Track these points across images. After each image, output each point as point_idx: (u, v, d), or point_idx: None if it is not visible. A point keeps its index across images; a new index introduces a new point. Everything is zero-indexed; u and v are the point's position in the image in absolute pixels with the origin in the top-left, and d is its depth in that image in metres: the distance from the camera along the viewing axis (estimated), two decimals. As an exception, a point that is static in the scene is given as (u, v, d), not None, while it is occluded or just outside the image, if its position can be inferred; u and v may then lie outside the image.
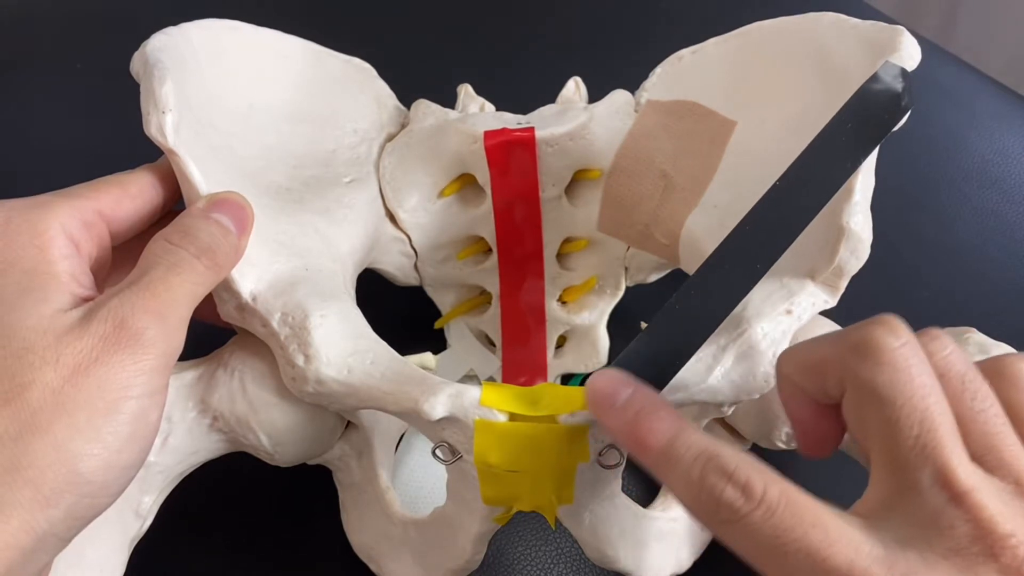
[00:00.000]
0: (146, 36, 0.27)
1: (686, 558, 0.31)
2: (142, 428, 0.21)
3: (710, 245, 0.24)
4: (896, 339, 0.19)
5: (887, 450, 0.19)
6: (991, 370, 0.20)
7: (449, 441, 0.25)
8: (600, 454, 0.25)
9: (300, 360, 0.25)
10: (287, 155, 0.30)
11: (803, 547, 0.17)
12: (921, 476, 0.18)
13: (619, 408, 0.21)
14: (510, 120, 0.33)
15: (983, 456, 0.19)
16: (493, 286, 0.36)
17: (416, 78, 0.37)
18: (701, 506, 0.19)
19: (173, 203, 0.27)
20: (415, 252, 0.34)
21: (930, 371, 0.19)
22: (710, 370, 0.25)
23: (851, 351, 0.20)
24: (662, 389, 0.24)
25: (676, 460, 0.20)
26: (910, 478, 0.18)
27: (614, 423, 0.21)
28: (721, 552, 0.32)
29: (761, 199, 0.24)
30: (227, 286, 0.25)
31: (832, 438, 0.22)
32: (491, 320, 0.37)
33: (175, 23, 0.28)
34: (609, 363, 0.37)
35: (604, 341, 0.37)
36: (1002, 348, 0.29)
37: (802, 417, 0.22)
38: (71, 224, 0.23)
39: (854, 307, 0.28)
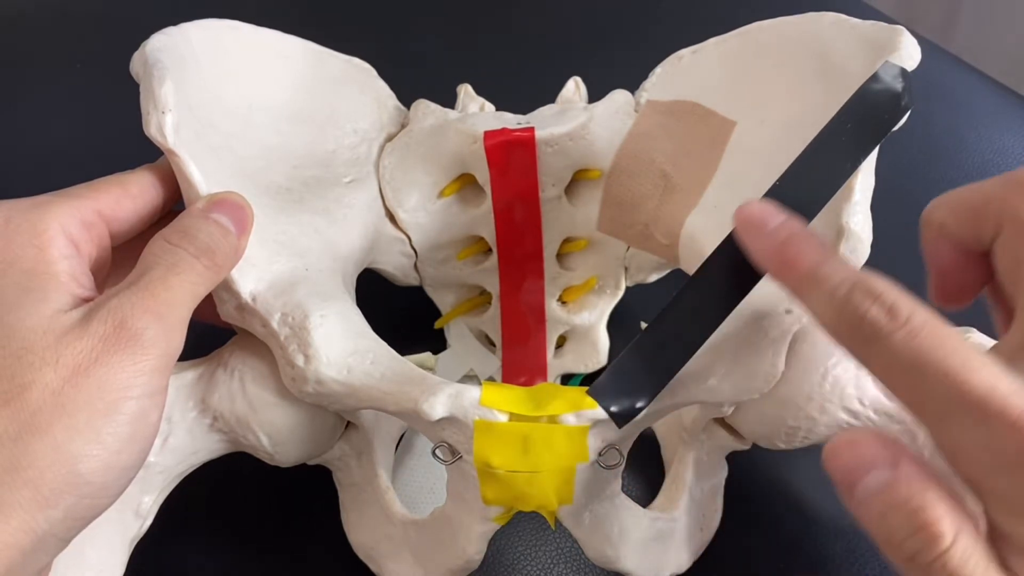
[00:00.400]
0: (146, 36, 0.27)
1: (686, 558, 0.31)
2: (142, 429, 0.21)
3: (710, 245, 0.24)
4: None
5: None
6: None
7: (449, 441, 0.25)
8: (600, 454, 0.25)
9: (300, 360, 0.25)
10: (287, 155, 0.30)
11: (943, 369, 0.17)
12: None
13: (770, 231, 0.22)
14: (510, 120, 0.33)
15: None
16: (493, 286, 0.36)
17: (416, 78, 0.37)
18: (843, 324, 0.19)
19: (173, 203, 0.27)
20: (415, 252, 0.34)
21: None
22: (710, 370, 0.25)
23: (1015, 188, 0.20)
24: (662, 389, 0.24)
25: (823, 279, 0.20)
26: None
27: (763, 244, 0.22)
28: (721, 552, 0.32)
29: (761, 199, 0.24)
30: (227, 286, 0.25)
31: (971, 287, 0.23)
32: (491, 320, 0.37)
33: (175, 23, 0.28)
34: (610, 362, 0.37)
35: (604, 341, 0.37)
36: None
37: (945, 265, 0.23)
38: (71, 224, 0.23)
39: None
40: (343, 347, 0.26)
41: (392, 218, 0.33)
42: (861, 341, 0.19)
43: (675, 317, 0.24)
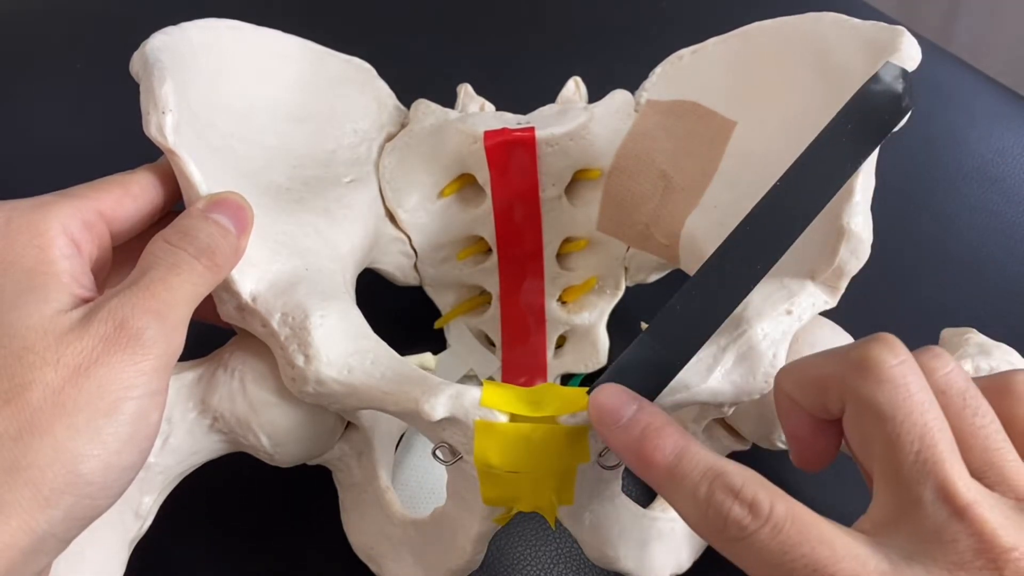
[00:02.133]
0: (146, 36, 0.27)
1: (686, 558, 0.31)
2: (142, 429, 0.21)
3: (710, 245, 0.24)
4: (895, 357, 0.20)
5: (888, 466, 0.19)
6: (994, 387, 0.21)
7: (449, 442, 0.25)
8: (600, 455, 0.25)
9: (300, 360, 0.25)
10: (287, 155, 0.30)
11: (809, 563, 0.18)
12: (923, 491, 0.18)
13: (624, 425, 0.21)
14: (510, 120, 0.33)
15: (984, 472, 0.19)
16: (493, 286, 0.36)
17: (416, 78, 0.37)
18: (708, 524, 0.19)
19: (173, 203, 0.27)
20: (415, 252, 0.34)
21: (928, 387, 0.20)
22: (710, 370, 0.25)
23: (851, 368, 0.20)
24: (663, 390, 0.24)
25: (682, 478, 0.20)
26: (912, 493, 0.18)
27: (619, 441, 0.22)
28: (721, 554, 0.32)
29: (761, 199, 0.24)
30: (227, 286, 0.25)
31: (828, 453, 0.23)
32: (491, 320, 0.37)
33: (175, 23, 0.28)
34: (610, 363, 0.37)
35: (604, 341, 0.37)
36: (1002, 348, 0.29)
37: (799, 432, 0.23)
38: (72, 224, 0.23)
39: (854, 307, 0.28)
40: (343, 347, 0.26)
41: (392, 218, 0.33)
42: (727, 541, 0.19)
43: (676, 317, 0.24)
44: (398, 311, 0.36)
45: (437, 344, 0.38)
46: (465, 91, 0.37)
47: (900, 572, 0.17)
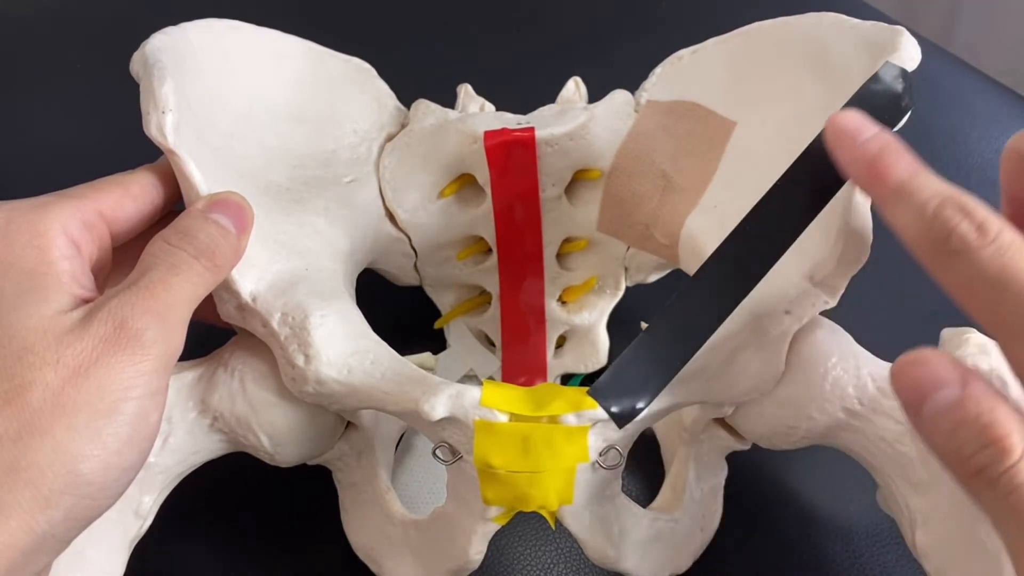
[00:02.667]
0: (146, 36, 0.27)
1: (686, 558, 0.31)
2: (142, 429, 0.21)
3: (710, 245, 0.24)
4: None
5: None
6: None
7: (449, 441, 0.25)
8: (600, 454, 0.25)
9: (300, 360, 0.25)
10: (287, 155, 0.30)
11: None
12: None
13: (863, 142, 0.21)
14: (510, 120, 0.33)
15: None
16: (493, 286, 0.36)
17: (416, 78, 0.37)
18: (929, 236, 0.19)
19: (173, 203, 0.27)
20: (415, 252, 0.34)
21: None
22: (711, 370, 0.25)
23: None
24: (662, 390, 0.24)
25: (913, 193, 0.20)
26: None
27: (854, 156, 0.21)
28: (721, 552, 0.32)
29: (761, 199, 0.24)
30: (227, 286, 0.25)
31: None
32: (491, 320, 0.37)
33: (175, 23, 0.28)
34: (610, 363, 0.37)
35: (604, 341, 0.37)
36: (1002, 348, 0.29)
37: (1021, 192, 0.23)
38: (72, 225, 0.23)
39: (854, 307, 0.28)
40: (343, 347, 0.26)
41: (392, 218, 0.33)
42: (945, 255, 0.19)
43: (676, 317, 0.24)
44: (398, 311, 0.36)
45: (437, 344, 0.38)
46: (465, 91, 0.37)
47: None
